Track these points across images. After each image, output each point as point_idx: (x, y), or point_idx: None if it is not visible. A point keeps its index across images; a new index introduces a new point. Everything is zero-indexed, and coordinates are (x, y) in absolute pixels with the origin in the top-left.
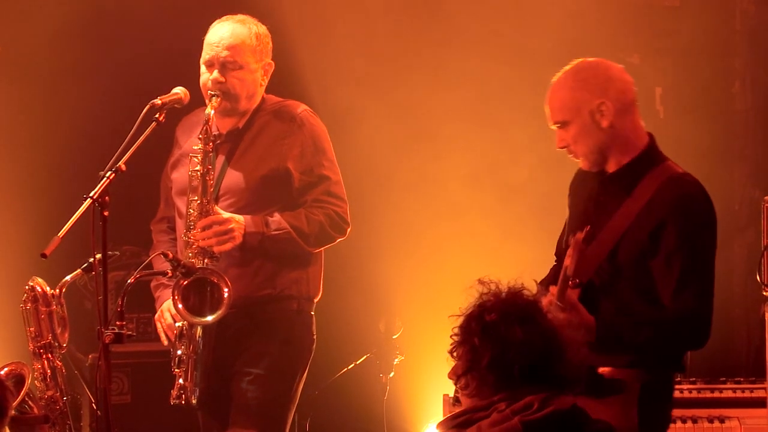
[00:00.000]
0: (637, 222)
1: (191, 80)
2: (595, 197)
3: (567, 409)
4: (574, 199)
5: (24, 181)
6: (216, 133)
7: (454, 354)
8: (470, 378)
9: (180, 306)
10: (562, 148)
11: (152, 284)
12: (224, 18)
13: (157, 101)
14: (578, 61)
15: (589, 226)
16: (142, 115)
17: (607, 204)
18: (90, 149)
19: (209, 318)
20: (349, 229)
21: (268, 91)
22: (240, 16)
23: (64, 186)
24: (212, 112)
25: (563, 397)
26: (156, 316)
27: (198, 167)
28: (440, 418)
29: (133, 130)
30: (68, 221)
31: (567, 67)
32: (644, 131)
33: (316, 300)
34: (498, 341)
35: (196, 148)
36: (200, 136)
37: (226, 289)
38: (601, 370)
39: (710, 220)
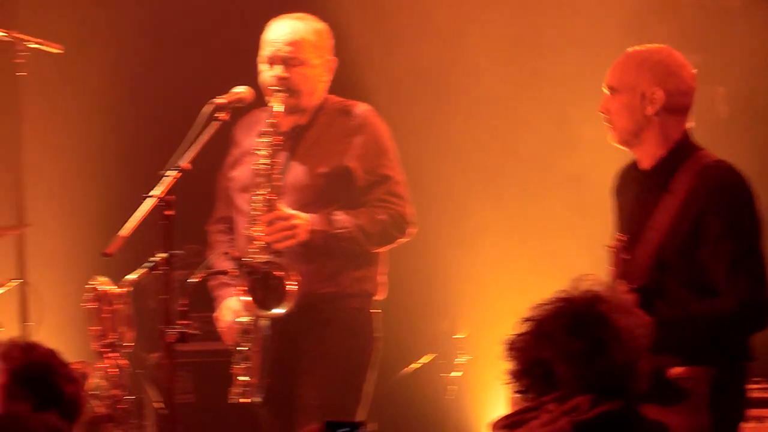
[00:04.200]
0: (679, 216)
1: (244, 80)
2: (635, 196)
3: (617, 408)
4: (619, 200)
5: (87, 181)
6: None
7: (512, 354)
8: (524, 379)
9: (247, 299)
10: (602, 112)
11: (212, 283)
12: (282, 16)
13: (221, 99)
14: (663, 46)
15: (624, 235)
16: (203, 113)
17: (647, 202)
18: (150, 148)
19: (276, 311)
20: (412, 230)
21: (331, 91)
22: (299, 14)
23: (127, 185)
24: (280, 107)
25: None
26: (216, 315)
27: (263, 162)
28: None
29: (193, 129)
30: (130, 220)
31: (651, 45)
32: (684, 132)
33: (379, 299)
34: (555, 347)
35: (261, 141)
36: (266, 132)
37: (294, 282)
38: (673, 371)
39: (749, 203)
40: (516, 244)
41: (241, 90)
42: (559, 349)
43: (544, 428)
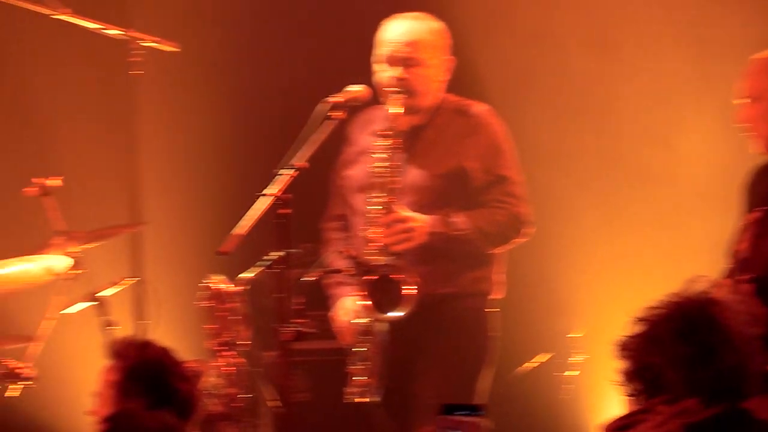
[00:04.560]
0: None
1: (359, 78)
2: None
3: (728, 410)
4: (750, 196)
5: (202, 179)
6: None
7: (623, 356)
8: (634, 381)
9: (366, 302)
10: (743, 122)
11: (327, 282)
12: (399, 15)
13: (336, 98)
14: None
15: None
16: (318, 112)
17: None
18: (265, 147)
19: (394, 314)
20: (529, 230)
21: (447, 91)
22: (416, 14)
23: (242, 183)
24: (398, 109)
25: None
26: (332, 314)
27: (380, 164)
28: None
29: (308, 127)
30: (246, 218)
31: None
32: None
33: (496, 298)
34: (664, 352)
35: (378, 144)
36: (382, 133)
37: (411, 286)
38: None
39: None
40: (632, 243)
41: (356, 88)
42: (668, 354)
43: (655, 431)
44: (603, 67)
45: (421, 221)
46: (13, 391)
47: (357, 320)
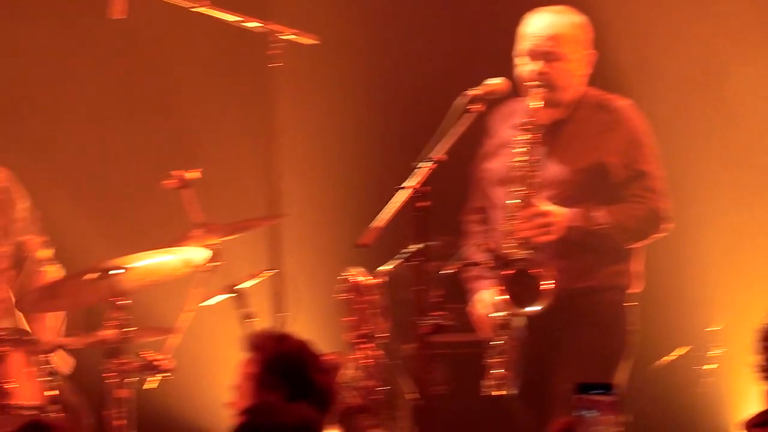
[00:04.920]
0: None
1: (498, 71)
2: None
3: None
4: None
5: (341, 171)
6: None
7: (760, 348)
8: None
9: (504, 296)
10: None
11: (465, 275)
12: (541, 9)
13: (475, 91)
14: None
15: None
16: (457, 105)
17: None
18: (404, 140)
19: (532, 309)
20: (668, 226)
21: (589, 84)
22: (558, 7)
23: (381, 176)
24: (539, 103)
25: None
26: (470, 307)
27: (521, 158)
28: None
29: (447, 120)
30: (384, 211)
31: None
32: None
33: (635, 292)
34: None
35: (518, 138)
36: (524, 127)
37: (549, 281)
38: None
39: None
40: None
41: (495, 82)
42: None
43: None
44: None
45: (560, 215)
46: (151, 383)
47: (495, 313)
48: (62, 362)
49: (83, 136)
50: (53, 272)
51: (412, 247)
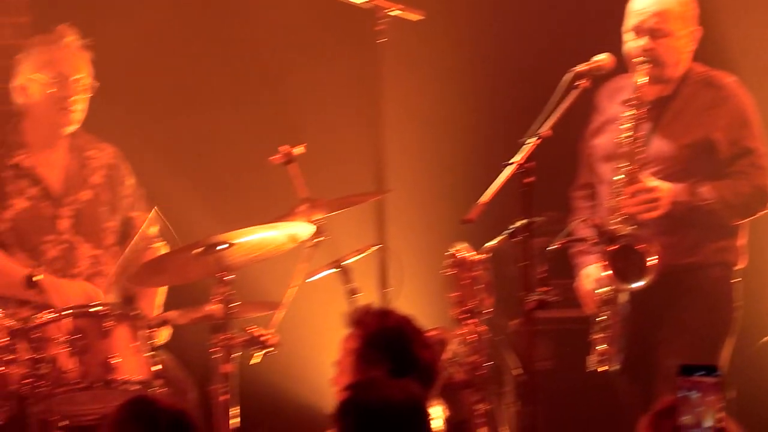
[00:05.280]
0: None
1: (605, 47)
2: None
3: None
4: None
5: (447, 147)
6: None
7: None
8: None
9: (608, 272)
10: None
11: (571, 250)
12: None
13: (582, 67)
14: None
15: None
16: (564, 81)
17: None
18: (510, 115)
19: (636, 284)
20: None
21: (694, 60)
22: None
23: (487, 152)
24: (645, 79)
25: None
26: (575, 282)
27: (627, 134)
28: None
29: (554, 96)
30: (490, 187)
31: None
32: None
33: (739, 268)
34: None
35: (625, 114)
36: (630, 103)
37: (654, 256)
38: None
39: None
40: None
41: (601, 58)
42: None
43: None
44: None
45: (666, 190)
46: (256, 358)
47: (600, 289)
48: (163, 335)
49: (190, 113)
50: (160, 249)
51: (518, 223)
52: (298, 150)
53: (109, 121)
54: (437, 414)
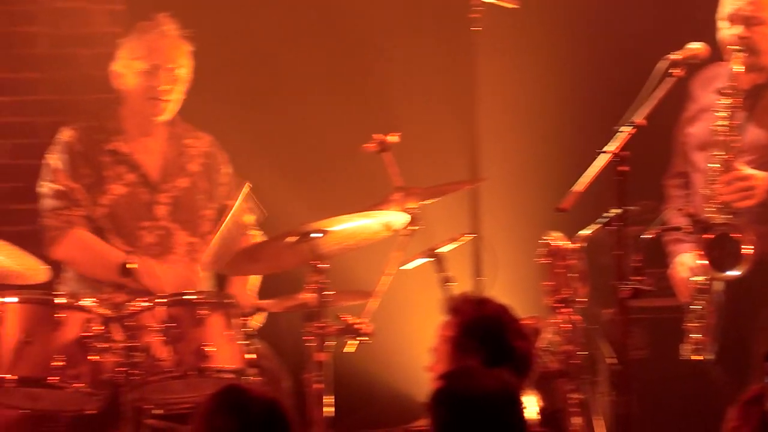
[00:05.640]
0: None
1: (699, 35)
2: None
3: None
4: None
5: (541, 135)
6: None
7: None
8: None
9: (703, 261)
10: None
11: (666, 239)
12: None
13: (676, 55)
14: None
15: None
16: (658, 69)
17: None
18: (604, 104)
19: (732, 273)
20: None
21: None
22: None
23: (581, 140)
24: (740, 67)
25: None
26: (670, 271)
27: (722, 122)
28: None
29: (648, 84)
30: (585, 175)
31: None
32: None
33: None
34: None
35: (720, 102)
36: (725, 91)
37: (749, 245)
38: None
39: None
40: None
41: (696, 46)
42: None
43: None
44: None
45: (761, 179)
46: (350, 347)
47: (694, 278)
48: (256, 322)
49: (285, 103)
50: (256, 238)
51: (612, 212)
52: (393, 138)
53: (204, 110)
54: (531, 403)
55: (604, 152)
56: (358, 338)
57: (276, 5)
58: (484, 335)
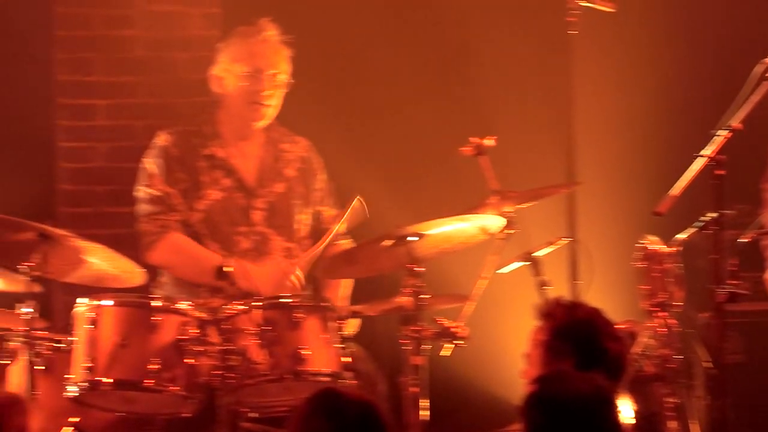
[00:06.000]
0: None
1: None
2: None
3: None
4: None
5: (637, 139)
6: None
7: None
8: None
9: None
10: None
11: (763, 243)
12: None
13: None
14: None
15: None
16: (755, 73)
17: None
18: (701, 108)
19: None
20: None
21: None
22: None
23: (677, 144)
24: None
25: None
26: (766, 275)
27: None
28: None
29: (745, 88)
30: (681, 179)
31: None
32: None
33: None
34: None
35: None
36: None
37: None
38: None
39: None
40: None
41: None
42: None
43: None
44: None
45: None
46: (446, 350)
47: None
48: (351, 328)
49: (381, 106)
50: (346, 245)
51: (709, 216)
52: (489, 142)
53: (302, 114)
54: (625, 407)
55: (701, 156)
56: (453, 342)
57: (374, 10)
58: (576, 339)
